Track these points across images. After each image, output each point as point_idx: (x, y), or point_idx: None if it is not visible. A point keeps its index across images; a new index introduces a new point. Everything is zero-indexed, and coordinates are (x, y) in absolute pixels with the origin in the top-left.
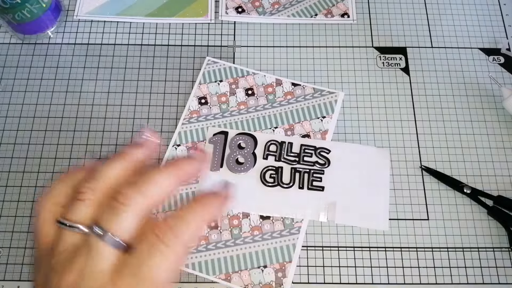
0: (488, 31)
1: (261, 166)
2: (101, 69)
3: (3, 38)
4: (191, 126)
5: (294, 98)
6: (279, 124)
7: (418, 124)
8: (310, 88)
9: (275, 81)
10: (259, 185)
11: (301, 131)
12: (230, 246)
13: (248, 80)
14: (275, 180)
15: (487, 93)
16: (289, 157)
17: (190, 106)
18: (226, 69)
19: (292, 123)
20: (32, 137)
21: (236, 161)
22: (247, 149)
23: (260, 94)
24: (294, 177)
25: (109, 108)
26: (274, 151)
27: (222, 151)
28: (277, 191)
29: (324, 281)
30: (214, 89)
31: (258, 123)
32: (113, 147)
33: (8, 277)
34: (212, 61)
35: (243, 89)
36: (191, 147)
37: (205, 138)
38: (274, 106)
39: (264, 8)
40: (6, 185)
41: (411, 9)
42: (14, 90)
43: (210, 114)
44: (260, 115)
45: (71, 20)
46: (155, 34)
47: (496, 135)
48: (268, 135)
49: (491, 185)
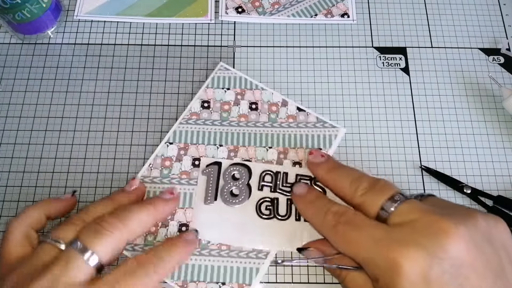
0: (488, 31)
1: (257, 198)
2: (101, 69)
3: (3, 38)
4: (188, 127)
5: (295, 123)
6: (274, 145)
7: (418, 124)
8: (313, 116)
9: (281, 101)
10: (254, 218)
11: (294, 157)
12: (195, 254)
13: (255, 94)
14: (271, 212)
15: (487, 93)
16: (285, 187)
17: (192, 107)
18: (236, 78)
19: (287, 147)
20: (32, 137)
21: (230, 193)
22: (241, 180)
23: (263, 110)
24: (291, 208)
25: (109, 108)
26: (269, 182)
27: (216, 183)
28: (273, 223)
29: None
30: (220, 96)
31: (254, 139)
32: (113, 147)
33: None
34: (225, 67)
35: (248, 102)
36: (168, 190)
37: (198, 141)
38: (274, 126)
39: (264, 8)
40: (6, 185)
41: (411, 9)
42: (14, 90)
43: (209, 119)
44: (258, 131)
45: (71, 20)
46: (155, 34)
47: (496, 135)
48: (262, 165)
49: (491, 185)
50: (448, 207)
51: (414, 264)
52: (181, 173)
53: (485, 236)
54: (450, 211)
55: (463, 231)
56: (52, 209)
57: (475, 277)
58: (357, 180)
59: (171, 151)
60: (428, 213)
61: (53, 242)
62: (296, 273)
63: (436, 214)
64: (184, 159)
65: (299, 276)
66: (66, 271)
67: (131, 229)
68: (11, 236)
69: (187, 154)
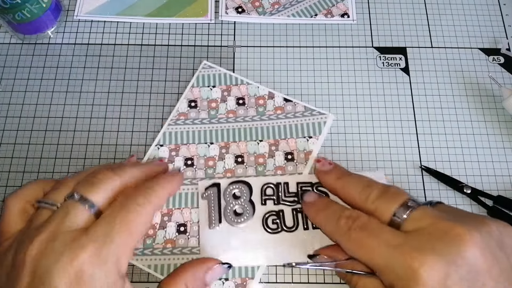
0: (488, 31)
1: (261, 213)
2: (101, 69)
3: (3, 38)
4: (177, 128)
5: (283, 114)
6: (265, 138)
7: (418, 124)
8: (301, 106)
9: (268, 94)
10: (263, 234)
11: (285, 148)
12: (195, 253)
13: (241, 89)
14: (278, 225)
15: (487, 93)
16: (288, 198)
17: (179, 108)
18: (221, 75)
19: (277, 139)
20: (32, 137)
21: (234, 212)
22: (243, 198)
23: (250, 105)
24: (297, 218)
25: (109, 108)
26: (271, 195)
27: (218, 205)
28: (282, 236)
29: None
30: (206, 94)
31: (244, 134)
32: (113, 147)
33: None
34: (208, 65)
35: (235, 97)
36: (158, 159)
37: (188, 141)
38: (262, 119)
39: (264, 8)
40: (6, 185)
41: (411, 9)
42: (14, 90)
43: (198, 118)
44: (247, 125)
45: (71, 20)
46: (155, 34)
47: (496, 135)
48: (262, 179)
49: (491, 185)
50: (459, 214)
51: (433, 272)
52: None
53: (498, 242)
54: (462, 218)
55: (478, 238)
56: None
57: (492, 284)
58: (368, 187)
59: (162, 153)
60: (443, 220)
61: (49, 206)
62: (296, 273)
63: (450, 220)
64: (176, 160)
65: (299, 276)
66: (65, 220)
67: (125, 180)
68: (8, 211)
69: (179, 155)
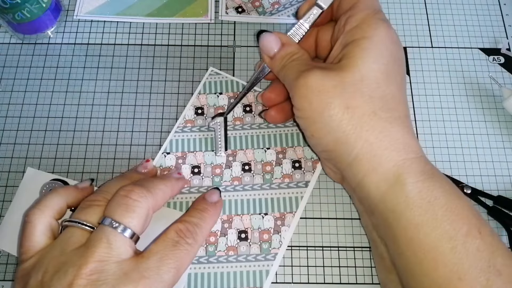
0: (488, 31)
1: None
2: (101, 69)
3: (3, 38)
4: (184, 135)
5: (291, 122)
6: (272, 146)
7: (418, 124)
8: None
9: None
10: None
11: (292, 156)
12: (203, 263)
13: (248, 96)
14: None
15: (487, 93)
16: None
17: (186, 115)
18: (227, 82)
19: (285, 146)
20: (32, 137)
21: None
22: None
23: (258, 112)
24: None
25: (109, 108)
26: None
27: (224, 134)
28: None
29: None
30: (213, 101)
31: (251, 141)
32: (113, 147)
33: (8, 277)
34: (215, 72)
35: (242, 104)
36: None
37: (195, 149)
38: (269, 127)
39: (264, 8)
40: (6, 185)
41: (411, 9)
42: (14, 90)
43: (204, 125)
44: (254, 133)
45: (71, 20)
46: (155, 34)
47: (496, 135)
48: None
49: (491, 185)
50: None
51: None
52: None
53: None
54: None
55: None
56: (72, 198)
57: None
58: None
59: (169, 161)
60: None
61: (80, 225)
62: (296, 273)
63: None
64: (183, 168)
65: (299, 276)
66: (111, 250)
67: (157, 198)
68: (31, 227)
69: (186, 163)
